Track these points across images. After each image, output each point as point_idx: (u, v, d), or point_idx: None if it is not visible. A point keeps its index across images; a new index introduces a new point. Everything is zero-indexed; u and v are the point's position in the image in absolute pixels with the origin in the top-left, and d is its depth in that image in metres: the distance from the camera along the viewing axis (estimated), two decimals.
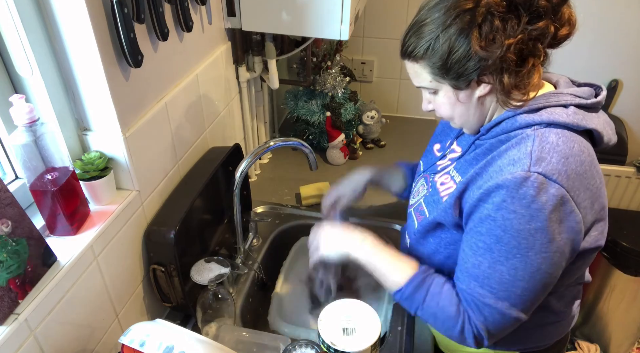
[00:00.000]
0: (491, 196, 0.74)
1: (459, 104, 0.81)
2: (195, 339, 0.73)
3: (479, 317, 0.79)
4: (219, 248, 1.25)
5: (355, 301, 0.91)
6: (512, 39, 0.70)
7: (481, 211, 0.76)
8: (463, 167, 0.87)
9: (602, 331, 1.96)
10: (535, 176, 0.71)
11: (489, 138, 0.83)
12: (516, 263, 0.74)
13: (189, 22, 1.00)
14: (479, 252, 0.78)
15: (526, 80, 0.74)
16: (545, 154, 0.72)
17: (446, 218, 0.84)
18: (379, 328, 0.85)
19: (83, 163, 0.86)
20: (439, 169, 0.96)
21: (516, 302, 0.77)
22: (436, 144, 1.04)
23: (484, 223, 0.76)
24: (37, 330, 0.72)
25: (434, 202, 0.91)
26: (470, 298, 0.80)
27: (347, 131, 1.67)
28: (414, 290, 0.85)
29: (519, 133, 0.77)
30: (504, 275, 0.76)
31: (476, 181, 0.79)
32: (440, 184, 0.92)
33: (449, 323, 0.82)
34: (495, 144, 0.81)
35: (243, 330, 1.02)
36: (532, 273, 0.75)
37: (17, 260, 0.69)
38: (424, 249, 0.93)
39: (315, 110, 1.61)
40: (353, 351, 0.82)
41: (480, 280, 0.78)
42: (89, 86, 0.82)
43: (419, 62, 0.79)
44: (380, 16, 1.81)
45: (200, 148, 1.19)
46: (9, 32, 0.74)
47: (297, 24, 1.19)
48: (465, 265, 0.80)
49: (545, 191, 0.71)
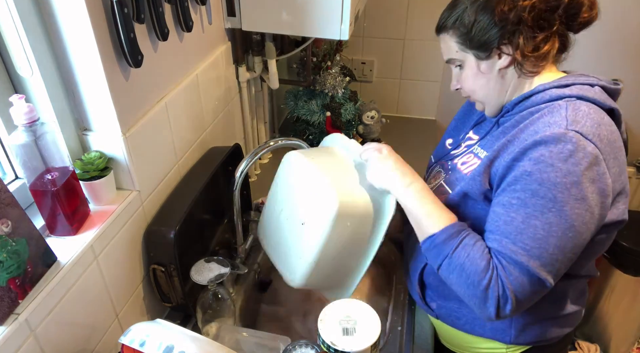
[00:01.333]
0: (527, 153, 0.76)
1: (481, 76, 0.86)
2: (195, 339, 0.73)
3: (508, 276, 0.77)
4: (219, 248, 1.25)
5: (355, 301, 0.91)
6: (528, 1, 0.77)
7: (516, 169, 0.77)
8: (489, 143, 0.89)
9: (602, 331, 1.96)
10: (573, 133, 0.74)
11: (515, 113, 0.86)
12: (551, 217, 0.74)
13: (189, 22, 1.00)
14: (512, 208, 0.77)
15: (541, 46, 0.80)
16: (579, 119, 0.76)
17: (474, 187, 0.84)
18: (379, 328, 0.85)
19: (83, 163, 0.86)
20: (456, 154, 0.98)
21: (546, 262, 0.76)
22: (448, 139, 1.06)
23: (519, 181, 0.77)
24: (37, 330, 0.72)
25: (457, 179, 0.92)
26: (502, 255, 0.78)
27: (347, 131, 1.67)
28: (447, 238, 0.83)
29: (549, 105, 0.80)
30: (537, 230, 0.75)
31: (507, 148, 0.81)
32: (461, 164, 0.94)
33: (475, 277, 0.79)
34: (526, 115, 0.83)
35: (243, 330, 1.02)
36: (565, 230, 0.74)
37: (17, 260, 0.69)
38: None
39: (315, 110, 1.61)
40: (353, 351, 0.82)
41: (512, 236, 0.77)
42: (89, 86, 0.82)
43: (448, 32, 0.87)
44: (380, 16, 1.81)
45: (200, 148, 1.19)
46: (9, 32, 0.74)
47: (297, 24, 1.19)
48: (497, 223, 0.79)
49: (583, 148, 0.73)
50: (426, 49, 1.83)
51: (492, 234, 0.80)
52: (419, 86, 1.94)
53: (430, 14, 1.75)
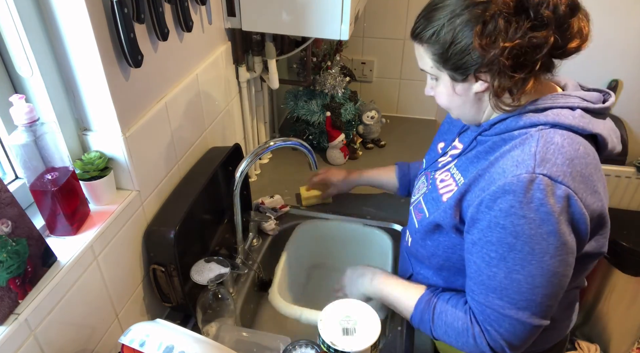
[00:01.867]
0: (497, 202, 0.73)
1: (456, 96, 0.81)
2: (195, 339, 0.73)
3: (498, 329, 0.78)
4: (219, 248, 1.25)
5: (355, 302, 0.91)
6: (509, 42, 0.69)
7: (488, 219, 0.75)
8: (464, 165, 0.86)
9: (602, 331, 1.96)
10: (540, 178, 0.70)
11: (491, 135, 0.82)
12: (532, 270, 0.73)
13: (189, 22, 1.00)
14: (492, 263, 0.76)
15: (519, 86, 0.73)
16: (550, 156, 0.72)
17: (445, 220, 0.84)
18: (379, 328, 0.85)
19: (83, 163, 0.86)
20: (439, 166, 0.95)
21: (537, 310, 0.76)
22: (440, 142, 1.03)
23: (493, 232, 0.74)
24: (37, 330, 0.72)
25: (433, 200, 0.90)
26: (490, 311, 0.78)
27: (347, 131, 1.67)
28: (422, 313, 0.88)
29: (523, 132, 0.76)
30: (522, 284, 0.74)
31: (478, 182, 0.78)
32: (440, 181, 0.92)
33: (461, 338, 0.83)
34: (498, 142, 0.80)
35: (243, 330, 1.02)
36: (549, 278, 0.73)
37: (17, 260, 0.69)
38: (423, 250, 0.93)
39: (315, 110, 1.61)
40: (353, 351, 0.82)
41: (498, 291, 0.76)
42: (89, 86, 0.82)
43: (423, 46, 0.80)
44: (380, 16, 1.81)
45: (200, 148, 1.19)
46: (9, 32, 0.74)
47: (297, 24, 1.19)
48: (480, 277, 0.78)
49: (553, 193, 0.70)
50: None
51: (477, 287, 0.80)
52: (419, 86, 1.93)
53: None
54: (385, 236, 1.34)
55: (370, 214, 1.41)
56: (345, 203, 1.45)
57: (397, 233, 1.36)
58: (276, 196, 1.43)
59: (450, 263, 0.88)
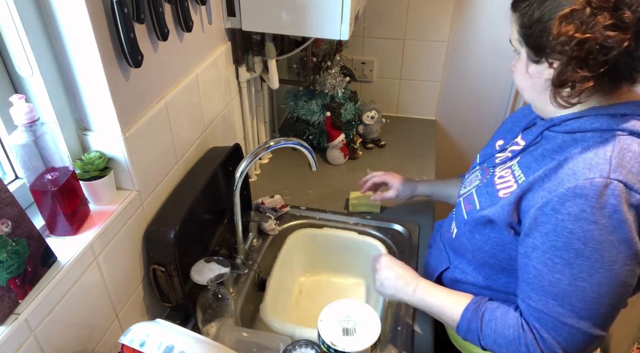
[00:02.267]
0: (566, 205, 0.70)
1: (528, 77, 0.80)
2: (195, 339, 0.73)
3: (556, 337, 0.75)
4: (219, 248, 1.25)
5: (355, 302, 0.91)
6: (581, 34, 0.67)
7: (554, 222, 0.72)
8: (527, 162, 0.82)
9: None
10: (615, 183, 0.68)
11: (561, 132, 0.79)
12: (600, 278, 0.71)
13: (189, 22, 1.00)
14: (555, 268, 0.73)
15: (579, 83, 0.71)
16: (626, 163, 0.69)
17: (501, 217, 0.81)
18: (379, 328, 0.85)
19: (83, 163, 0.86)
20: (497, 161, 0.93)
21: (599, 321, 0.73)
22: (499, 140, 1.00)
23: (559, 236, 0.72)
24: (37, 330, 0.72)
25: (487, 194, 0.88)
26: (548, 318, 0.76)
27: (347, 131, 1.67)
28: (469, 322, 0.85)
29: (597, 135, 0.74)
30: (587, 293, 0.72)
31: (543, 182, 0.75)
32: (498, 177, 0.88)
33: (512, 347, 0.80)
34: (569, 142, 0.76)
35: (243, 330, 1.02)
36: (616, 288, 0.71)
37: (17, 260, 0.69)
38: (468, 243, 0.91)
39: (315, 110, 1.61)
40: (353, 351, 0.82)
41: (560, 298, 0.74)
42: (89, 86, 0.82)
43: (515, 14, 0.79)
44: (380, 16, 1.81)
45: (200, 148, 1.19)
46: (9, 32, 0.74)
47: (297, 24, 1.19)
48: (541, 283, 0.75)
49: (627, 200, 0.68)
50: (426, 49, 1.83)
51: (536, 293, 0.77)
52: (419, 86, 1.93)
53: (431, 14, 1.75)
54: (379, 245, 1.33)
55: (371, 214, 1.41)
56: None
57: (398, 233, 1.36)
58: (276, 196, 1.43)
59: (495, 261, 0.86)
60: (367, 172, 1.39)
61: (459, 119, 1.98)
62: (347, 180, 1.57)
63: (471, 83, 1.87)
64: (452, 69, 1.87)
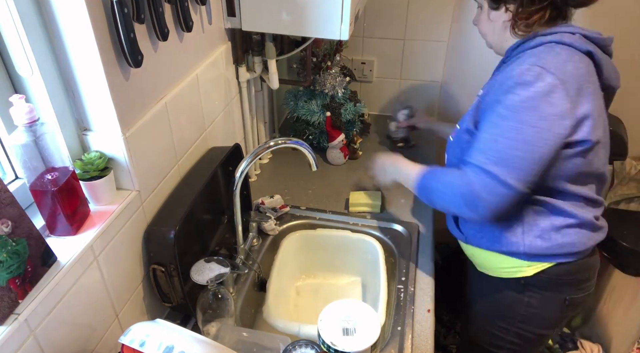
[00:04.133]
0: (502, 86, 0.93)
1: (489, 23, 1.07)
2: (195, 339, 0.73)
3: (479, 181, 0.94)
4: (219, 248, 1.25)
5: (355, 301, 0.91)
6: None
7: (494, 100, 0.94)
8: (488, 84, 1.05)
9: (603, 331, 1.96)
10: (535, 67, 0.90)
11: (514, 55, 1.02)
12: (512, 134, 0.91)
13: (189, 22, 1.00)
14: (485, 129, 0.96)
15: (533, 16, 0.97)
16: (547, 57, 0.92)
17: (466, 118, 1.05)
18: (379, 328, 0.85)
19: (83, 163, 0.86)
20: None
21: (511, 169, 0.91)
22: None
23: (494, 107, 0.94)
24: (37, 330, 0.72)
25: (461, 119, 1.10)
26: (474, 166, 0.95)
27: (347, 131, 1.67)
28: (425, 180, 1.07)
29: (533, 50, 0.97)
30: (501, 145, 0.92)
31: (492, 86, 0.98)
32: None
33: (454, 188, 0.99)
34: (513, 60, 0.99)
35: (243, 330, 1.02)
36: (524, 144, 0.90)
37: (17, 260, 0.69)
38: (456, 160, 1.08)
39: (315, 110, 1.61)
40: (353, 351, 0.82)
41: (483, 151, 0.94)
42: (89, 86, 0.82)
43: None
44: (380, 16, 1.81)
45: (200, 148, 1.19)
46: (9, 32, 0.74)
47: (297, 24, 1.19)
48: (476, 143, 0.97)
49: (542, 78, 0.89)
50: (426, 49, 1.83)
51: (472, 151, 0.97)
52: (419, 86, 1.94)
53: (430, 14, 1.75)
54: (374, 243, 1.34)
55: (371, 214, 1.41)
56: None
57: (398, 233, 1.36)
58: (276, 196, 1.43)
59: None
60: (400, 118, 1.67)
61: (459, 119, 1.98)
62: (347, 180, 1.57)
63: (471, 83, 1.87)
64: (452, 69, 1.87)
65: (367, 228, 1.38)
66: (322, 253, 1.42)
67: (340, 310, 0.88)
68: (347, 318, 0.87)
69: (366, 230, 1.37)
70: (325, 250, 1.41)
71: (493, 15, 1.04)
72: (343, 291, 1.43)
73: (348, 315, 0.87)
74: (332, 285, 1.45)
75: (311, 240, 1.40)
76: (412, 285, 1.19)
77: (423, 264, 1.26)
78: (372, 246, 1.33)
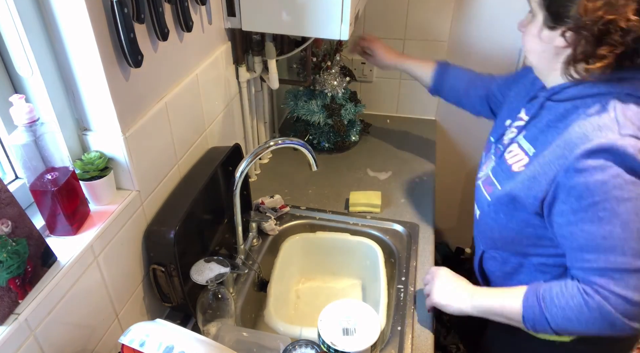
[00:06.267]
0: (587, 163, 0.74)
1: (539, 42, 0.84)
2: (195, 339, 0.73)
3: (625, 287, 0.75)
4: (219, 248, 1.25)
5: (355, 301, 0.91)
6: (610, 15, 0.71)
7: (583, 181, 0.75)
8: (534, 135, 0.88)
9: None
10: (629, 138, 0.73)
11: (561, 100, 0.84)
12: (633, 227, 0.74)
13: (189, 22, 1.00)
14: (604, 221, 0.75)
15: (597, 60, 0.75)
16: (628, 120, 0.75)
17: (522, 191, 0.85)
18: (379, 328, 0.85)
19: (83, 163, 0.86)
20: (505, 141, 0.97)
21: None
22: (507, 119, 1.04)
23: (594, 193, 0.75)
24: (37, 330, 0.72)
25: (502, 171, 0.93)
26: (612, 272, 0.76)
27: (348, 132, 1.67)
28: (533, 310, 0.84)
29: (596, 99, 0.79)
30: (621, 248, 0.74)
31: (555, 152, 0.79)
32: (507, 153, 0.93)
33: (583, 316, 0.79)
34: (570, 109, 0.82)
35: (243, 330, 1.02)
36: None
37: (17, 260, 0.69)
38: (494, 223, 0.95)
39: (315, 110, 1.61)
40: (353, 351, 0.82)
41: (619, 248, 0.75)
42: (89, 86, 0.82)
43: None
44: (380, 16, 1.81)
45: (200, 148, 1.19)
46: (9, 32, 0.74)
47: (297, 24, 1.19)
48: (594, 241, 0.77)
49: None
50: (426, 49, 1.83)
51: (592, 254, 0.78)
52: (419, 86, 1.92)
53: (431, 14, 1.75)
54: (374, 245, 1.33)
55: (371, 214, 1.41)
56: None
57: (398, 233, 1.36)
58: (276, 196, 1.43)
59: (521, 236, 0.90)
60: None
61: (459, 119, 1.98)
62: (347, 180, 1.57)
63: None
64: None
65: (367, 228, 1.38)
66: (322, 256, 1.42)
67: (340, 310, 0.89)
68: (347, 318, 0.87)
69: (366, 230, 1.37)
70: (325, 253, 1.41)
71: (545, 34, 0.82)
72: (343, 294, 1.42)
73: (348, 315, 0.87)
74: (332, 288, 1.45)
75: (311, 243, 1.40)
76: (412, 285, 1.19)
77: (423, 264, 1.26)
78: (371, 248, 1.33)
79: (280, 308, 1.28)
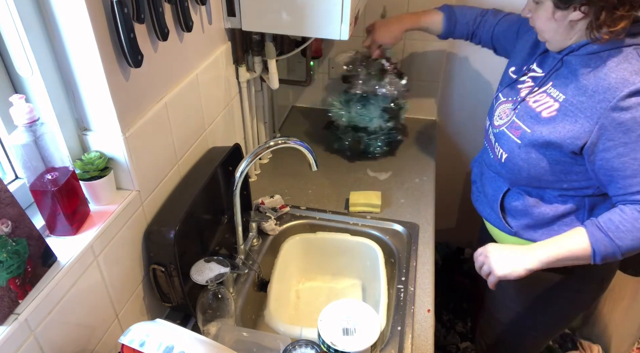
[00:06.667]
0: (632, 100, 0.85)
1: (553, 21, 0.95)
2: (195, 339, 0.73)
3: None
4: (219, 248, 1.25)
5: (355, 301, 0.91)
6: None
7: (630, 117, 0.86)
8: (561, 83, 0.98)
9: (602, 332, 1.96)
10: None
11: (581, 54, 0.94)
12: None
13: (189, 22, 1.00)
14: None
15: (618, 22, 0.86)
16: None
17: (559, 134, 0.95)
18: (379, 328, 0.85)
19: (83, 163, 0.86)
20: (522, 94, 1.05)
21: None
22: (511, 67, 1.15)
23: (638, 126, 0.86)
24: (37, 330, 0.72)
25: (530, 117, 1.01)
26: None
27: None
28: (602, 242, 0.93)
29: (617, 51, 0.90)
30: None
31: (591, 96, 0.90)
32: (533, 102, 1.02)
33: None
34: (595, 59, 0.92)
35: (243, 330, 1.02)
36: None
37: (17, 260, 0.69)
38: (524, 163, 1.03)
39: (374, 115, 1.56)
40: (353, 351, 0.82)
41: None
42: (89, 86, 0.82)
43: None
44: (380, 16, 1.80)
45: (200, 148, 1.19)
46: (9, 32, 0.74)
47: (297, 24, 1.19)
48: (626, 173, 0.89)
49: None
50: (426, 49, 1.83)
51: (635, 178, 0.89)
52: (419, 86, 1.93)
53: None
54: (374, 246, 1.34)
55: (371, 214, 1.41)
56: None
57: (398, 233, 1.36)
58: (276, 196, 1.43)
59: (549, 174, 1.01)
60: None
61: (459, 119, 1.98)
62: (347, 180, 1.57)
63: (471, 83, 1.87)
64: (452, 69, 1.87)
65: (367, 228, 1.38)
66: (322, 256, 1.42)
67: (340, 310, 0.89)
68: (347, 318, 0.87)
69: (366, 230, 1.37)
70: (325, 254, 1.41)
71: (559, 14, 0.93)
72: (343, 294, 1.42)
73: (348, 315, 0.87)
74: (332, 288, 1.45)
75: (311, 243, 1.40)
76: (412, 285, 1.19)
77: (423, 264, 1.26)
78: (371, 248, 1.33)
79: (280, 308, 1.28)
